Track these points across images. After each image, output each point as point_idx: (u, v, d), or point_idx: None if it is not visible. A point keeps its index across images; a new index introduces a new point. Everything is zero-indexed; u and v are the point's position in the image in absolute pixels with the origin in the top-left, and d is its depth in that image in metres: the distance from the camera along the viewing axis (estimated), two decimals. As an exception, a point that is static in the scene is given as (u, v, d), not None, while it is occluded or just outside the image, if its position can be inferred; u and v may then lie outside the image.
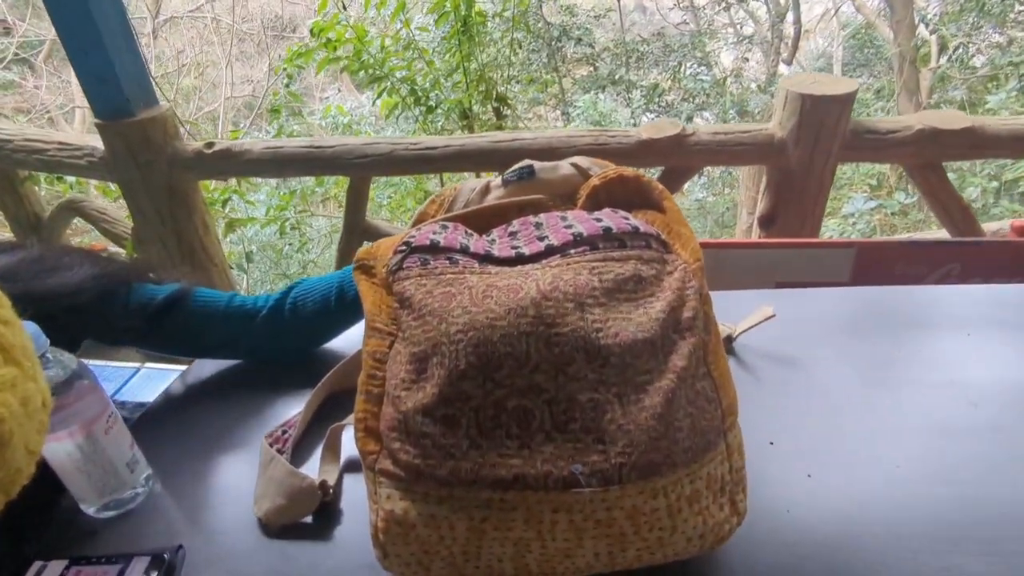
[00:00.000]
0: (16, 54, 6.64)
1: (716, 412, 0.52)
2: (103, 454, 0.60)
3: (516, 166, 0.68)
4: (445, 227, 0.61)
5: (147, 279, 0.74)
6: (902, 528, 0.58)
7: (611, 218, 0.59)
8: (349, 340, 0.83)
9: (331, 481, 0.64)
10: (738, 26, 7.14)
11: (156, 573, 0.56)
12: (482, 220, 0.65)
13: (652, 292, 0.54)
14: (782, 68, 6.67)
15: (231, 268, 1.96)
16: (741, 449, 0.54)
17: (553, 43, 5.74)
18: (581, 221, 0.59)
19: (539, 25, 5.28)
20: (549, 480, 0.47)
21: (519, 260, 0.57)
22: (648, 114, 6.31)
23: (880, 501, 0.61)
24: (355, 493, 0.65)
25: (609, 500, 0.47)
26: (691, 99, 6.34)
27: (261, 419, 0.75)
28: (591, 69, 6.43)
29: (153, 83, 1.45)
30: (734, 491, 0.53)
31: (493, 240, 0.61)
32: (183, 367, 1.21)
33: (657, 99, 6.22)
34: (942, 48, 5.36)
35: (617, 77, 6.10)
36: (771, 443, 0.67)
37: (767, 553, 0.56)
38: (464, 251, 0.57)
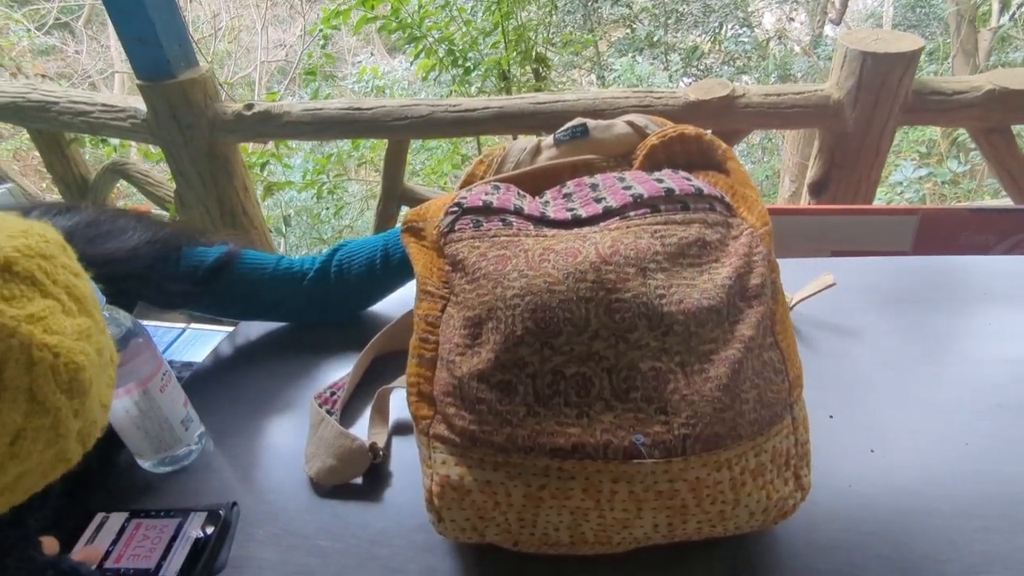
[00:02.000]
0: (57, 19, 6.71)
1: (783, 384, 0.50)
2: (159, 411, 0.61)
3: (568, 124, 0.66)
4: (497, 188, 0.59)
5: (197, 242, 0.74)
6: (971, 507, 0.56)
7: (672, 179, 0.56)
8: (394, 302, 0.82)
9: (380, 443, 0.64)
10: (785, -17, 6.81)
11: (212, 528, 0.57)
12: (534, 181, 0.62)
13: (717, 257, 0.52)
14: (828, 29, 6.37)
15: (270, 232, 1.97)
16: (806, 423, 0.52)
17: (589, 3, 5.57)
18: (640, 182, 0.56)
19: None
20: (609, 450, 0.46)
21: (575, 222, 0.55)
22: (686, 78, 6.11)
23: (947, 478, 0.58)
24: (404, 456, 0.64)
25: (671, 472, 0.46)
26: (731, 62, 6.11)
27: (308, 380, 0.75)
28: (628, 31, 6.23)
29: (193, 43, 1.44)
30: (799, 465, 0.51)
31: (547, 202, 0.59)
32: (228, 328, 1.23)
33: (696, 62, 6.01)
34: (1004, 6, 5.03)
35: (655, 39, 5.90)
36: (831, 416, 0.65)
37: (829, 529, 0.55)
38: (518, 213, 0.55)
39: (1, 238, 0.39)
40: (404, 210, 1.64)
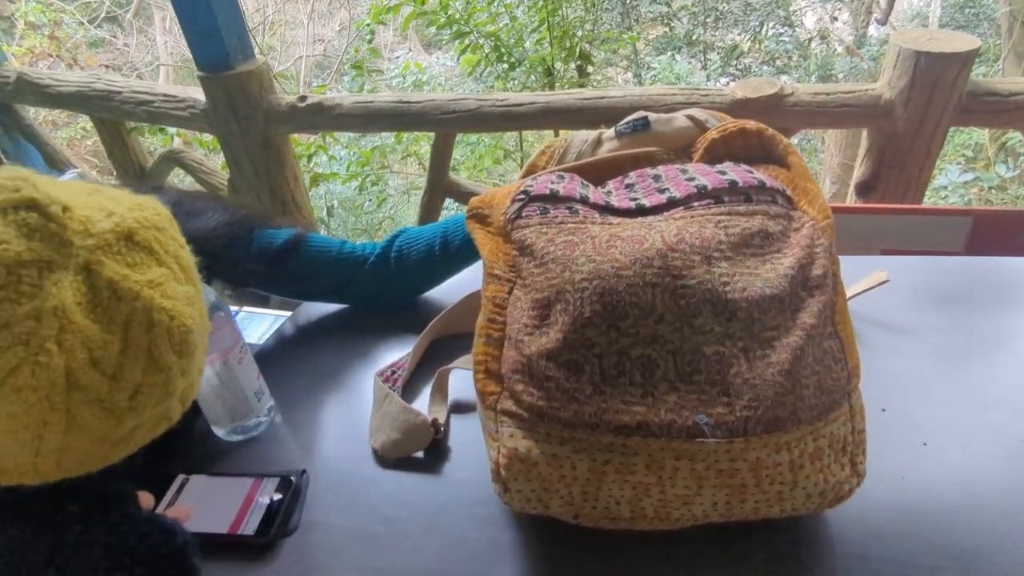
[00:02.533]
0: (107, 12, 6.93)
1: (842, 372, 0.51)
2: (236, 382, 0.64)
3: (630, 117, 0.67)
4: (562, 177, 0.61)
5: (267, 225, 0.77)
6: (1026, 504, 0.56)
7: (735, 171, 0.58)
8: (451, 288, 0.85)
9: (441, 420, 0.66)
10: (827, -18, 6.68)
11: (284, 492, 0.61)
12: (596, 171, 0.64)
13: (779, 248, 0.53)
14: (872, 29, 6.23)
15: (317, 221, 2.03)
16: (863, 411, 0.53)
17: (628, 1, 5.54)
18: (703, 174, 0.58)
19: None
20: (673, 429, 0.48)
21: (639, 212, 0.57)
22: (723, 77, 6.05)
23: (1001, 474, 0.59)
24: (463, 434, 0.67)
25: (733, 452, 0.47)
26: (771, 61, 6.02)
27: (369, 360, 0.78)
28: (666, 29, 6.18)
29: (250, 37, 1.49)
30: (855, 452, 0.52)
31: (610, 192, 0.61)
32: (277, 312, 1.28)
33: (735, 61, 5.94)
34: (1060, 7, 4.86)
35: (694, 37, 5.84)
36: (883, 410, 0.65)
37: (881, 518, 0.56)
38: (583, 201, 0.58)
39: (123, 210, 0.43)
40: (448, 202, 1.67)
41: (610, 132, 0.68)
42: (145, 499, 0.54)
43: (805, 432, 0.49)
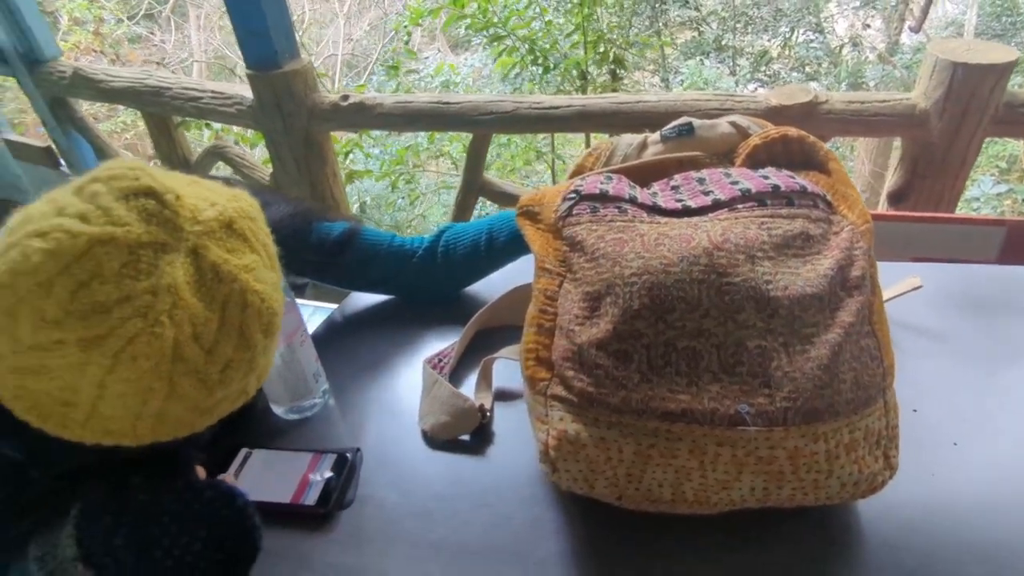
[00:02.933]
0: (146, 9, 7.11)
1: (878, 369, 0.54)
2: (298, 364, 0.69)
3: (675, 123, 0.71)
4: (610, 178, 0.64)
5: (325, 218, 0.82)
6: (1055, 505, 0.58)
7: (777, 176, 0.60)
8: (494, 282, 0.88)
9: (487, 406, 0.70)
10: (859, -11, 6.60)
11: (341, 468, 0.65)
12: (642, 174, 0.68)
13: (819, 250, 0.56)
14: (905, 37, 6.15)
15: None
16: (896, 408, 0.56)
17: (657, 5, 5.54)
18: (747, 178, 0.61)
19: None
20: (715, 416, 0.51)
21: (685, 212, 0.60)
22: (752, 83, 6.02)
23: (1030, 476, 0.61)
24: (507, 420, 0.71)
25: (772, 439, 0.50)
26: (801, 68, 5.98)
27: (416, 348, 0.82)
28: (695, 34, 6.16)
29: (296, 37, 1.54)
30: (888, 446, 0.55)
31: (655, 193, 0.64)
32: (315, 303, 1.32)
33: (764, 67, 5.91)
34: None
35: (723, 42, 5.83)
36: (914, 410, 0.67)
37: (911, 512, 0.58)
38: (632, 201, 0.61)
39: (223, 200, 0.47)
40: (482, 201, 1.71)
41: (655, 136, 0.71)
42: (199, 473, 0.59)
43: (842, 424, 0.51)
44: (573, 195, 0.62)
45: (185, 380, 0.43)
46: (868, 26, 6.22)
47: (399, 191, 2.85)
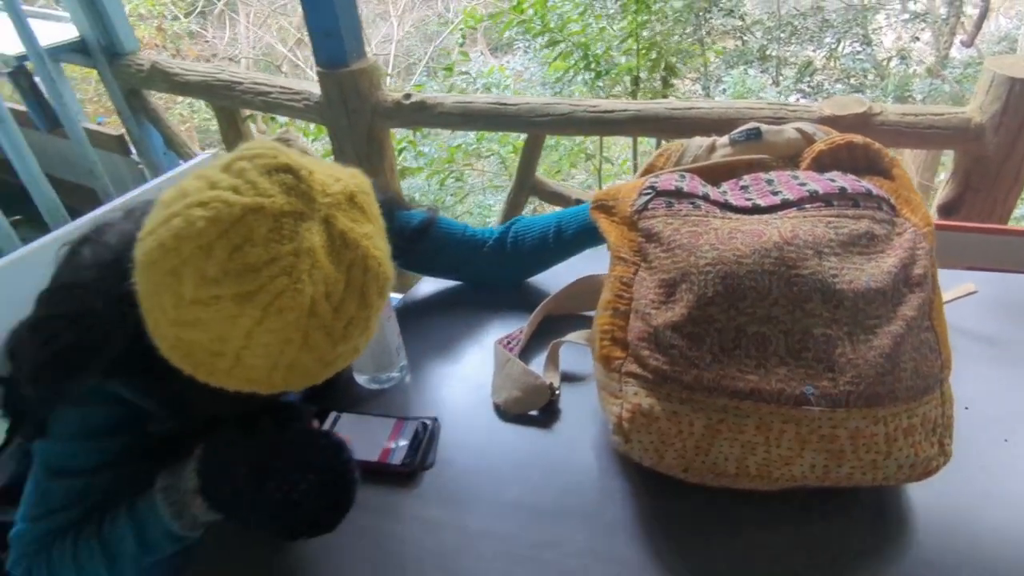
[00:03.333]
0: (201, 8, 7.38)
1: (936, 361, 0.58)
2: (384, 337, 0.75)
3: (744, 128, 0.75)
4: (684, 176, 0.69)
5: (405, 207, 0.88)
6: (1103, 501, 0.61)
7: (843, 179, 0.65)
8: (556, 273, 0.93)
9: (555, 385, 0.75)
10: (910, 2, 6.50)
11: (422, 433, 0.71)
12: (712, 174, 0.72)
13: (883, 249, 0.60)
14: (955, 51, 6.03)
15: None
16: (952, 400, 0.60)
17: (701, 14, 5.54)
18: (814, 180, 0.65)
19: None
20: (782, 396, 0.55)
21: (755, 210, 0.64)
22: (794, 94, 5.96)
23: (1079, 474, 0.64)
24: (573, 399, 0.76)
25: (835, 420, 0.54)
26: (846, 79, 5.91)
27: (485, 330, 0.88)
28: (738, 43, 6.13)
29: (364, 37, 1.62)
30: (943, 434, 0.58)
31: (725, 192, 0.68)
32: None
33: (808, 78, 5.85)
34: None
35: (768, 52, 5.79)
36: (966, 408, 0.70)
37: (962, 500, 0.62)
38: (705, 198, 0.66)
39: (345, 177, 0.53)
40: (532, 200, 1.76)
41: (724, 139, 0.76)
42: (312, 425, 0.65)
43: (901, 409, 0.55)
44: (649, 191, 0.67)
45: (316, 333, 0.49)
46: (917, 39, 6.11)
47: (447, 188, 2.94)
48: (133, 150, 2.32)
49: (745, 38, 6.02)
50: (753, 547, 0.59)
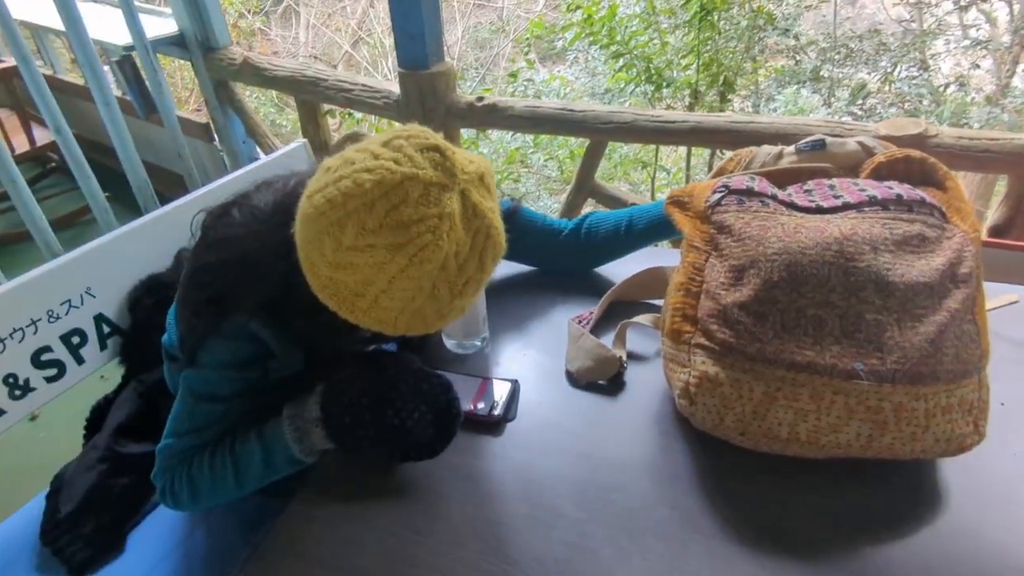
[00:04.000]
0: (271, 8, 7.73)
1: (976, 350, 0.65)
2: (477, 307, 0.85)
3: (809, 139, 0.83)
4: (753, 178, 0.78)
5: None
6: None
7: (900, 187, 0.72)
8: (623, 263, 1.02)
9: (624, 359, 0.84)
10: (971, 28, 6.40)
11: (507, 390, 0.81)
12: (779, 178, 0.81)
13: (933, 249, 0.68)
14: (1017, 80, 5.90)
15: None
16: (988, 387, 0.67)
17: (755, 32, 5.55)
18: (873, 187, 0.73)
19: (745, 10, 5.14)
20: (835, 370, 0.63)
21: (818, 211, 0.72)
22: (846, 116, 5.92)
23: (1106, 467, 0.70)
24: (637, 374, 0.85)
25: (881, 393, 0.62)
26: (900, 103, 5.84)
27: (556, 311, 0.97)
28: (791, 62, 6.12)
29: (444, 41, 1.74)
30: (979, 416, 0.66)
31: (791, 194, 0.77)
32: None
33: (861, 100, 5.81)
34: None
35: (821, 73, 5.77)
36: (1002, 404, 0.77)
37: (994, 479, 0.68)
38: (773, 198, 0.74)
39: (477, 160, 0.63)
40: (590, 201, 1.86)
41: (790, 148, 0.84)
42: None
43: (940, 389, 0.63)
44: (723, 188, 0.76)
45: (442, 286, 0.59)
46: (978, 66, 6.01)
47: (503, 189, 3.05)
48: (216, 138, 2.49)
49: (799, 58, 6.00)
50: (792, 504, 0.68)
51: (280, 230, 0.64)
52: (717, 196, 0.76)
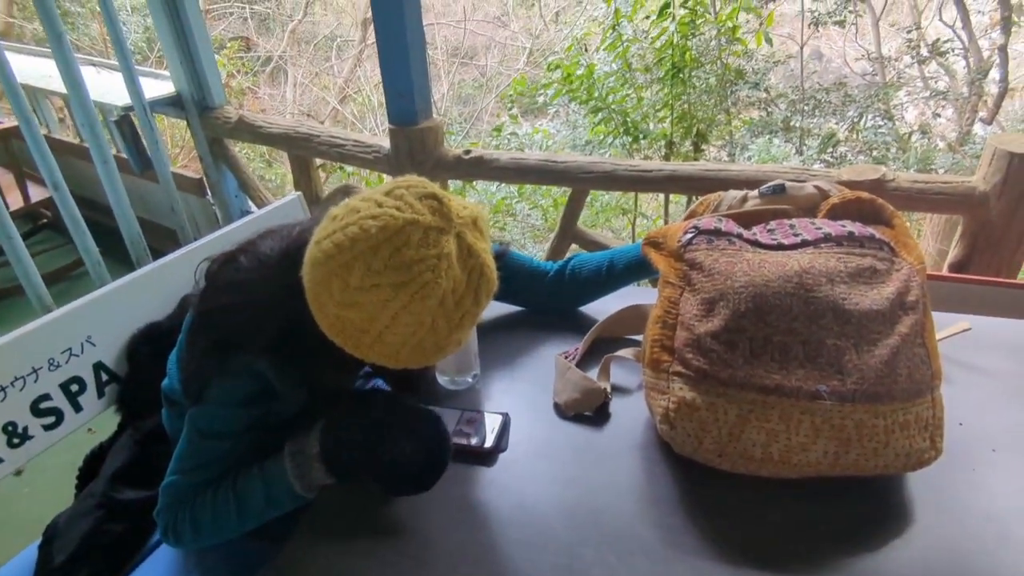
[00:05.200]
0: (260, 68, 7.99)
1: (927, 372, 0.71)
2: (469, 344, 0.90)
3: (771, 183, 0.91)
4: (721, 220, 0.85)
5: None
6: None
7: (852, 226, 0.80)
8: (605, 303, 1.08)
9: (608, 391, 0.89)
10: (931, 80, 6.76)
11: (498, 423, 0.85)
12: (744, 219, 0.88)
13: (883, 280, 0.75)
14: (978, 127, 6.22)
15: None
16: (942, 406, 0.72)
17: (727, 86, 5.82)
18: (828, 225, 0.80)
19: (716, 67, 5.42)
20: (800, 392, 0.69)
21: (779, 248, 0.79)
22: (818, 163, 6.16)
23: (1058, 480, 0.75)
24: (621, 405, 0.89)
25: (843, 412, 0.68)
26: (868, 151, 6.10)
27: (544, 348, 1.02)
28: (763, 113, 6.40)
29: (432, 99, 1.84)
30: (935, 432, 0.71)
31: (755, 233, 0.84)
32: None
33: (831, 149, 6.06)
34: None
35: (791, 123, 6.04)
36: (960, 424, 0.83)
37: (954, 494, 0.73)
38: (739, 236, 0.81)
39: (470, 207, 0.70)
40: (573, 247, 1.94)
41: (754, 192, 0.92)
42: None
43: (897, 407, 0.69)
44: (693, 229, 0.83)
45: (440, 320, 0.64)
46: (938, 115, 6.32)
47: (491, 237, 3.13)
48: (208, 192, 2.56)
49: (770, 109, 6.29)
50: (769, 521, 0.72)
51: (287, 275, 0.69)
52: (688, 236, 0.82)
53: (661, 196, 3.03)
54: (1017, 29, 6.20)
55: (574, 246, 1.93)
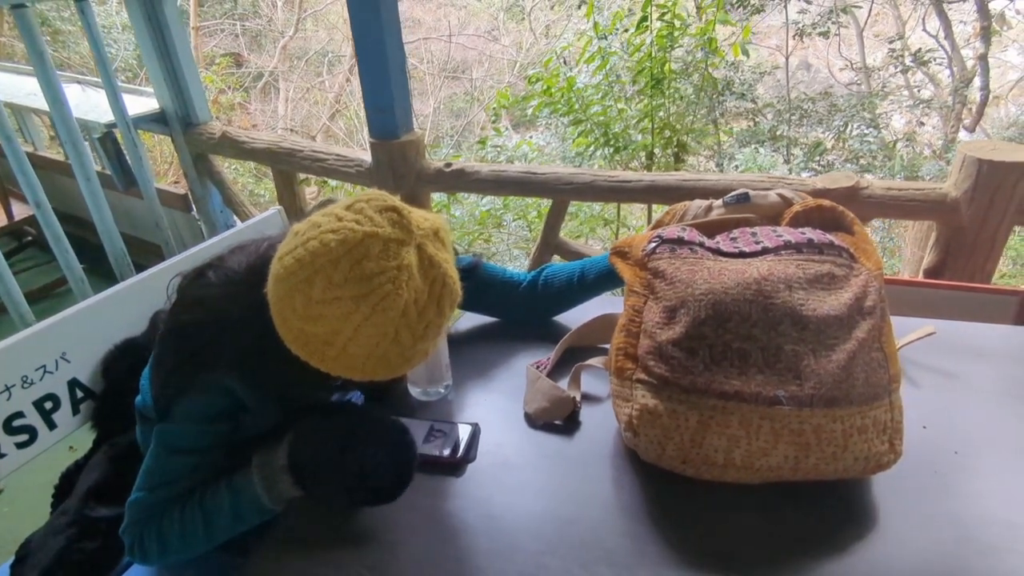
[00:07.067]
0: (251, 84, 8.03)
1: (884, 376, 0.72)
2: (440, 354, 0.91)
3: (734, 192, 0.92)
4: (685, 229, 0.86)
5: (455, 252, 1.05)
6: (1036, 502, 0.73)
7: (812, 233, 0.81)
8: (577, 312, 1.09)
9: (578, 399, 0.90)
10: (915, 89, 6.85)
11: (467, 433, 0.85)
12: (708, 228, 0.89)
13: (841, 286, 0.76)
14: (962, 135, 6.30)
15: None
16: (901, 409, 0.73)
17: (715, 97, 5.89)
18: (789, 233, 0.82)
19: (701, 79, 5.48)
20: (759, 398, 0.69)
21: (740, 255, 0.80)
22: (806, 172, 6.22)
23: (1014, 480, 0.76)
24: (591, 413, 0.90)
25: (802, 417, 0.69)
26: (855, 160, 6.17)
27: (516, 358, 1.03)
28: (750, 124, 6.46)
29: (412, 114, 1.86)
30: (893, 435, 0.72)
31: (718, 242, 0.85)
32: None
33: (818, 157, 6.13)
34: None
35: (778, 133, 6.11)
36: (924, 427, 0.84)
37: (918, 495, 0.74)
38: (701, 245, 0.82)
39: (432, 217, 0.70)
40: (556, 258, 1.95)
41: (719, 202, 0.93)
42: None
43: (855, 411, 0.69)
44: (657, 239, 0.84)
45: (404, 331, 0.65)
46: (922, 123, 6.40)
47: (475, 248, 3.16)
48: (193, 207, 2.57)
49: (757, 120, 6.35)
50: (734, 528, 0.72)
51: (254, 290, 0.69)
52: (652, 245, 0.83)
53: (645, 207, 3.06)
54: (998, 39, 6.30)
55: (556, 257, 1.94)
